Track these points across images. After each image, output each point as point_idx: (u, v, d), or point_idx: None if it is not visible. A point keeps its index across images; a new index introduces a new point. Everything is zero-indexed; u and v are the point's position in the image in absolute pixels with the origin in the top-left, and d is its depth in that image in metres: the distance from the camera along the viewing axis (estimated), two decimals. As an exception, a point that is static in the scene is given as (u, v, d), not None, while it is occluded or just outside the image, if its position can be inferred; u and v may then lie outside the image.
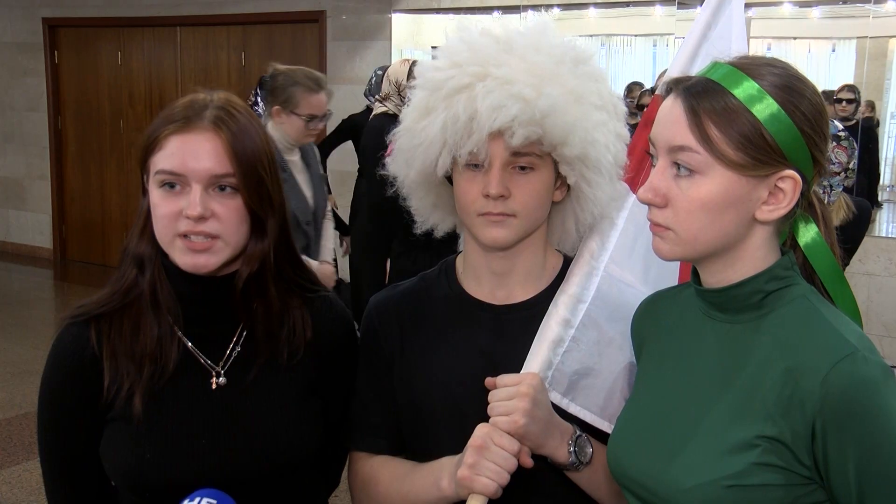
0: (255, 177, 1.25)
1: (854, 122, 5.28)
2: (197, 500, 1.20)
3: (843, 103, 5.51)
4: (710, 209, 1.06)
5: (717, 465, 1.04)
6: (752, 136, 1.04)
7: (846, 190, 3.38)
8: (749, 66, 1.08)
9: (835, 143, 3.24)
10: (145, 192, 1.28)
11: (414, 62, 4.52)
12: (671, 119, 1.08)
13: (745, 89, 1.05)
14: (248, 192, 1.24)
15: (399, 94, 4.39)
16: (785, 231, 1.15)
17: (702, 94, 1.06)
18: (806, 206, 1.14)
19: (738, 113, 1.04)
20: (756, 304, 1.10)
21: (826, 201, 3.18)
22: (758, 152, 1.04)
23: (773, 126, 1.04)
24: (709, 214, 1.06)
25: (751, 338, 1.10)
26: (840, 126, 3.38)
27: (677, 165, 1.07)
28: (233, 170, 1.23)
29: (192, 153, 1.22)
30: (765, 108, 1.04)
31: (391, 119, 4.35)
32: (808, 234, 1.15)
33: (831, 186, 3.22)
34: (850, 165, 3.29)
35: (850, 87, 5.47)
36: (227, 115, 1.25)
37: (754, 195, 1.06)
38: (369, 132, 4.36)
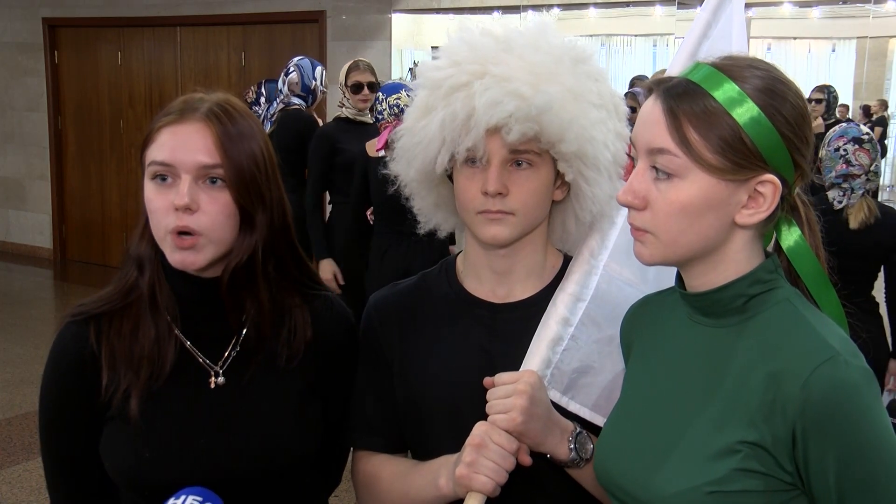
0: (245, 170, 1.25)
1: (832, 121, 5.24)
2: (182, 498, 1.20)
3: (813, 104, 5.49)
4: (689, 212, 1.05)
5: (700, 471, 1.04)
6: (732, 139, 1.03)
7: (872, 195, 3.34)
8: (731, 68, 1.06)
9: (857, 146, 3.22)
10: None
11: (355, 62, 4.48)
12: (650, 121, 1.07)
13: (725, 92, 1.04)
14: (235, 184, 1.24)
15: (345, 96, 4.38)
16: (770, 234, 1.14)
17: (681, 96, 1.05)
18: (789, 210, 1.13)
19: (717, 116, 1.03)
20: (739, 307, 1.09)
21: (845, 203, 3.17)
22: (737, 156, 1.03)
23: (752, 130, 1.03)
24: (688, 218, 1.06)
25: (734, 342, 1.09)
26: (865, 129, 3.35)
27: (656, 168, 1.07)
28: (221, 161, 1.23)
29: (182, 144, 1.23)
30: (745, 111, 1.03)
31: (341, 122, 4.33)
32: (790, 237, 1.14)
33: (852, 189, 3.20)
34: (872, 168, 3.25)
35: (820, 88, 5.44)
36: (220, 110, 1.26)
37: (734, 199, 1.06)
38: (314, 140, 4.37)
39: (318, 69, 4.69)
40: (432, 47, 6.78)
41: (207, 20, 7.54)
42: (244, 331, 1.33)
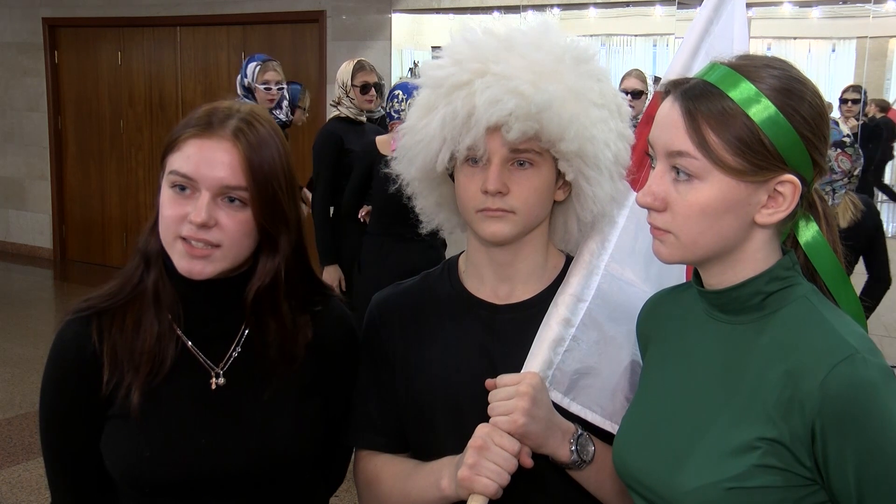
0: (269, 193, 1.24)
1: (864, 121, 5.27)
2: None
3: (849, 104, 5.50)
4: (708, 214, 1.06)
5: (719, 467, 1.04)
6: (750, 140, 1.03)
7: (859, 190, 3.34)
8: (747, 68, 1.06)
9: (839, 151, 3.21)
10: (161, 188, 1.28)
11: (359, 62, 4.44)
12: (669, 123, 1.07)
13: (742, 92, 1.04)
14: (259, 207, 1.24)
15: (347, 96, 4.31)
16: (786, 230, 1.14)
17: (699, 98, 1.05)
18: (806, 206, 1.13)
19: (735, 117, 1.03)
20: (757, 305, 1.10)
21: (830, 203, 3.17)
22: (756, 157, 1.03)
23: (770, 130, 1.03)
24: (708, 219, 1.06)
25: (752, 339, 1.09)
26: (846, 132, 3.32)
27: (676, 170, 1.07)
28: (245, 183, 1.22)
29: (207, 160, 1.22)
30: (762, 110, 1.03)
31: (342, 122, 4.27)
32: (808, 233, 1.14)
33: (834, 190, 3.20)
34: (856, 173, 3.24)
35: (856, 88, 5.46)
36: (248, 127, 1.25)
37: (753, 199, 1.06)
38: (317, 138, 4.29)
39: (251, 66, 4.46)
40: (432, 47, 6.78)
41: (207, 20, 7.55)
42: (246, 332, 1.33)
